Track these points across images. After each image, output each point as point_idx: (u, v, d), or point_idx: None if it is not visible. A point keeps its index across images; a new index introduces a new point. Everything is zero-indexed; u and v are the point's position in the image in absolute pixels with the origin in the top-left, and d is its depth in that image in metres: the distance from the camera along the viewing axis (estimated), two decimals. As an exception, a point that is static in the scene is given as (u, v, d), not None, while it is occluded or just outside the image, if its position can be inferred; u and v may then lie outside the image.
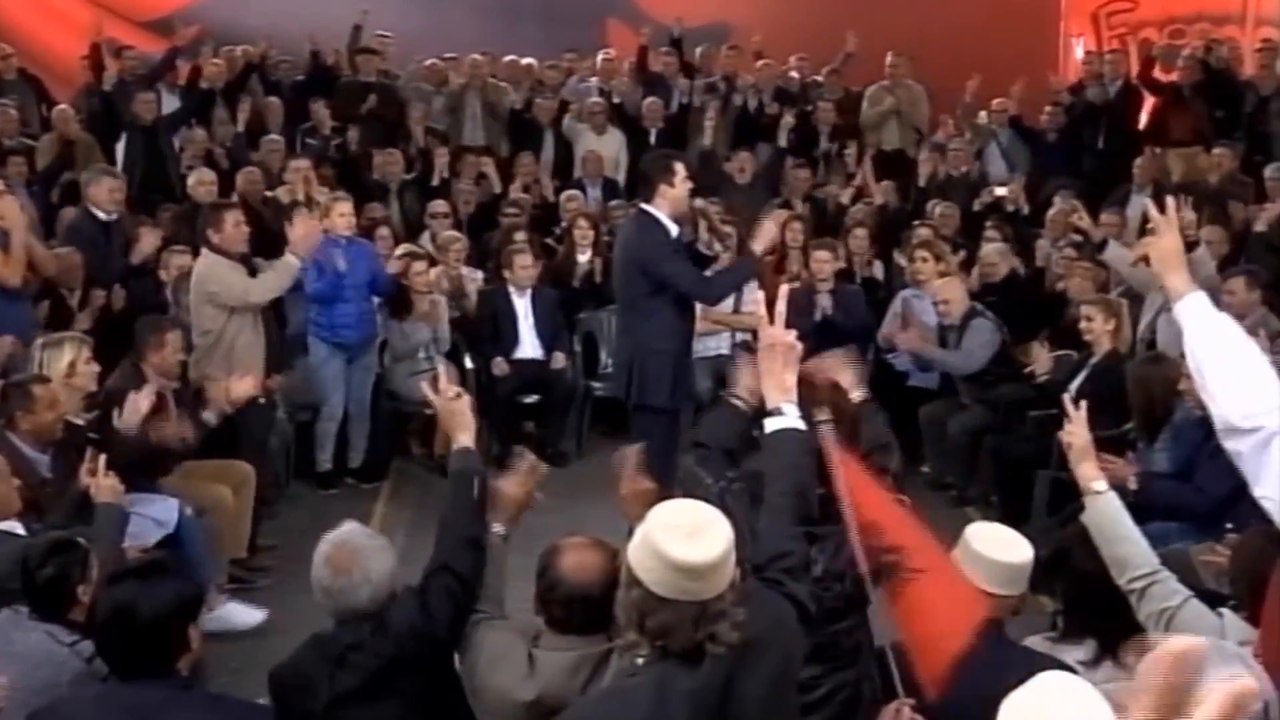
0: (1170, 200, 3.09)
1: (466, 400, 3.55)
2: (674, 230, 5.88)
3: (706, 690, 2.34)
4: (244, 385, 5.90)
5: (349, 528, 3.30)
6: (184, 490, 5.66)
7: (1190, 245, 6.95)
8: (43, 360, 5.50)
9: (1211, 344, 2.84)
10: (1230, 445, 2.78)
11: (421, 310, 7.94)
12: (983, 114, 11.08)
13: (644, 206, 5.95)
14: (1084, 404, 3.52)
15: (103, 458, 4.69)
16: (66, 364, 5.46)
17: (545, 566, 2.97)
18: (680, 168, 5.88)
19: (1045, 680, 2.15)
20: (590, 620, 2.91)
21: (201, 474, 5.97)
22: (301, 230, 6.37)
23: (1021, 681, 2.03)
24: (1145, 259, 3.08)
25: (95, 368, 5.61)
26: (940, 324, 7.62)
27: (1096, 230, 7.89)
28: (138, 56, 10.89)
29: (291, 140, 10.43)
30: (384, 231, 8.63)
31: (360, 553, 3.17)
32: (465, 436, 3.46)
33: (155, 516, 5.35)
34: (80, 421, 5.45)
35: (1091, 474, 3.38)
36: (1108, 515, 3.33)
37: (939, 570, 3.14)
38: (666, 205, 5.84)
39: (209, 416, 5.81)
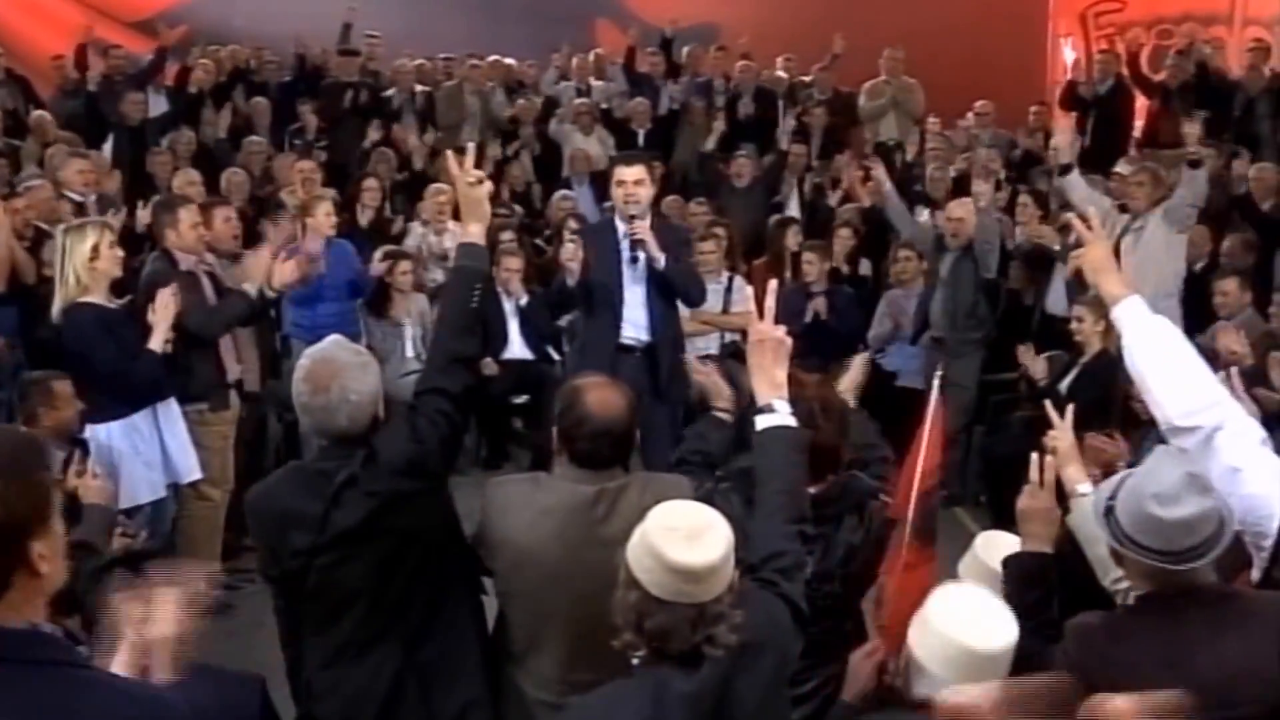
0: (1093, 212, 3.24)
1: (488, 188, 3.34)
2: (621, 229, 5.88)
3: (704, 693, 2.32)
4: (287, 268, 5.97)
5: (331, 340, 3.10)
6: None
7: (1194, 164, 7.06)
8: (65, 246, 5.35)
9: (1149, 346, 2.95)
10: (1176, 443, 2.89)
11: (401, 309, 7.91)
12: (969, 114, 11.10)
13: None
14: (1070, 407, 3.52)
15: (90, 459, 4.66)
16: (90, 248, 5.33)
17: (570, 404, 2.97)
18: (618, 170, 5.90)
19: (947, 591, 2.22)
20: (614, 455, 2.95)
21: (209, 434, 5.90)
22: (252, 265, 6.18)
23: None
24: (1079, 272, 3.16)
25: (120, 253, 5.50)
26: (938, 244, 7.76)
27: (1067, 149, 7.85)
28: (124, 56, 10.85)
29: (279, 141, 10.39)
30: (370, 184, 8.79)
31: (341, 369, 2.96)
32: (478, 228, 3.25)
33: (177, 464, 5.53)
34: (113, 305, 5.44)
35: (1076, 476, 3.38)
36: (1092, 516, 3.33)
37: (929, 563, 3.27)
38: (615, 207, 5.93)
39: (249, 288, 5.85)
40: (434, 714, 3.07)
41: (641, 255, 5.82)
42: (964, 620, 2.53)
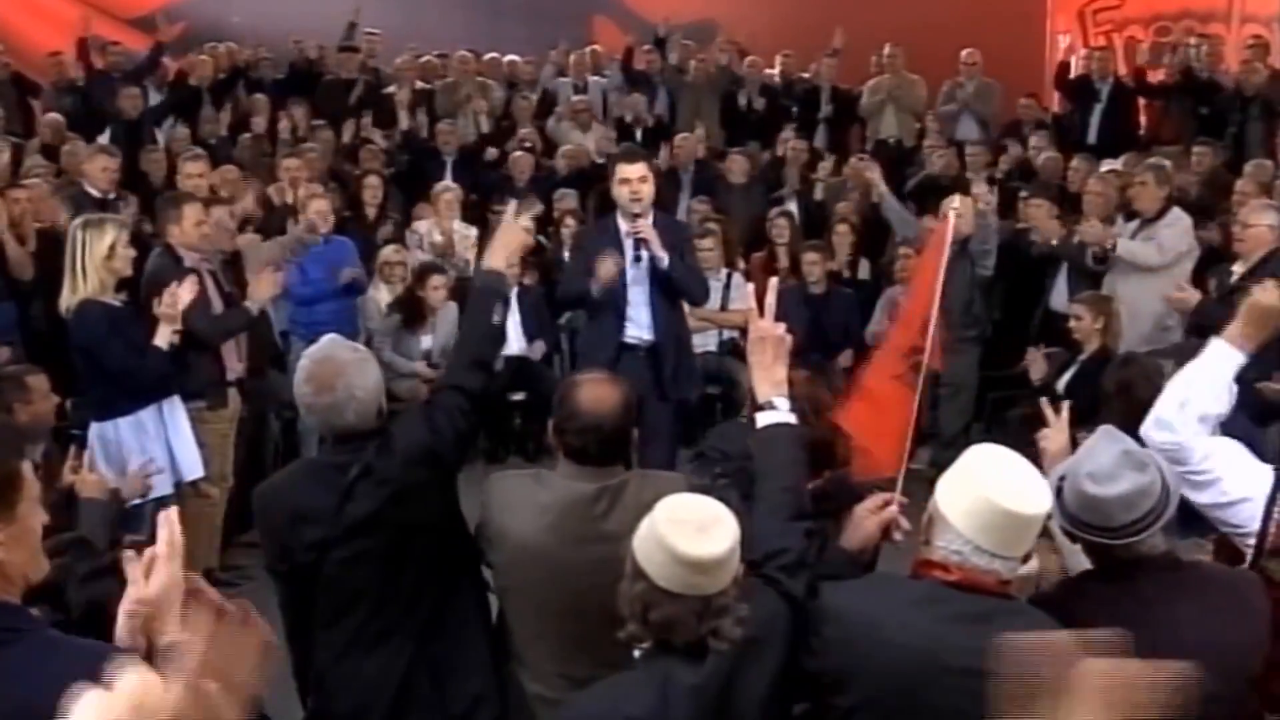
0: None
1: (527, 239, 3.47)
2: (624, 227, 5.79)
3: (708, 685, 2.33)
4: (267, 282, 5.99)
5: (329, 340, 3.15)
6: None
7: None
8: (85, 240, 5.33)
9: (1189, 376, 3.03)
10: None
11: (428, 325, 7.87)
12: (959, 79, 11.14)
13: None
14: (1066, 405, 3.51)
15: (87, 454, 4.64)
16: (108, 246, 5.33)
17: (563, 398, 3.00)
18: (620, 168, 5.78)
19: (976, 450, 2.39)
20: (604, 451, 2.96)
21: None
22: (262, 285, 6.17)
23: None
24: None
25: (133, 252, 5.52)
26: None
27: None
28: (122, 52, 10.85)
29: (274, 138, 10.38)
30: (372, 181, 8.83)
31: (344, 368, 3.02)
32: (501, 261, 3.36)
33: (181, 462, 5.51)
34: (117, 303, 5.45)
35: None
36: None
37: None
38: (619, 205, 5.81)
39: (251, 305, 5.95)
40: (445, 708, 3.09)
41: (645, 254, 5.73)
42: (1001, 480, 2.40)
